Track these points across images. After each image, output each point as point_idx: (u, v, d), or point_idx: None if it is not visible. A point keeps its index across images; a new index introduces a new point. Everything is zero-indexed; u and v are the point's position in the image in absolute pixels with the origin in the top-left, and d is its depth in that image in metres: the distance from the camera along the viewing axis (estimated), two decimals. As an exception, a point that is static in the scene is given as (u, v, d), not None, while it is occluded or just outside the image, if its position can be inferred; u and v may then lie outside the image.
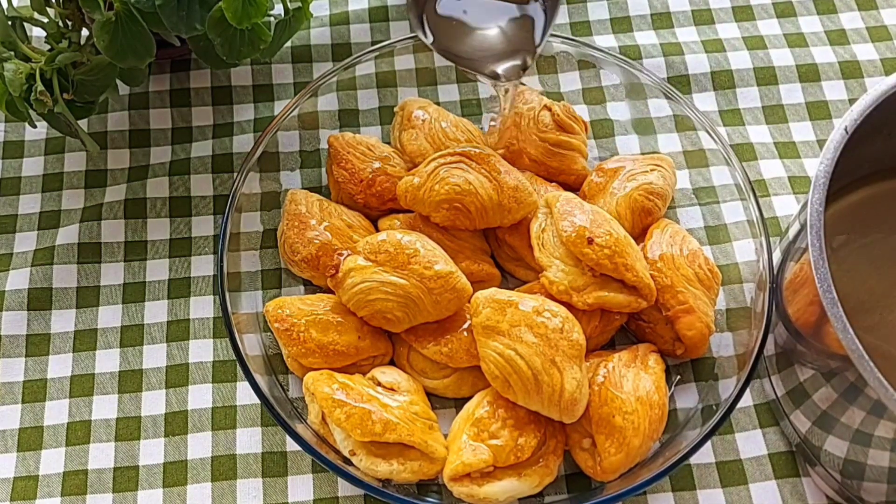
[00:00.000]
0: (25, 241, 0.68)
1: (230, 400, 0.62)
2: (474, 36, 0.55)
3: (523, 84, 0.65)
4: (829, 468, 0.55)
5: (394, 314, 0.58)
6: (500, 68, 0.55)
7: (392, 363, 0.61)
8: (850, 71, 0.74)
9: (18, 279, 0.66)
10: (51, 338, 0.65)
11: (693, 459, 0.59)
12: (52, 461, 0.60)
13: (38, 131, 0.73)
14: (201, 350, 0.64)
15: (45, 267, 0.66)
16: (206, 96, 0.74)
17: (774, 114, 0.72)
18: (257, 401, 0.60)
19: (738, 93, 0.73)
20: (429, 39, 0.54)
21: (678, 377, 0.61)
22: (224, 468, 0.59)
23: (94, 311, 0.65)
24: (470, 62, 0.55)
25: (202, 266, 0.67)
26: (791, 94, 0.73)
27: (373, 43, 0.76)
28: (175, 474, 0.59)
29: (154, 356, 0.64)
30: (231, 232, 0.61)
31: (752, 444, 0.59)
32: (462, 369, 0.59)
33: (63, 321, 0.65)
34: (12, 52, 0.60)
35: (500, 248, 0.64)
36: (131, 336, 0.64)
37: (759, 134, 0.71)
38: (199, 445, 0.60)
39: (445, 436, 0.57)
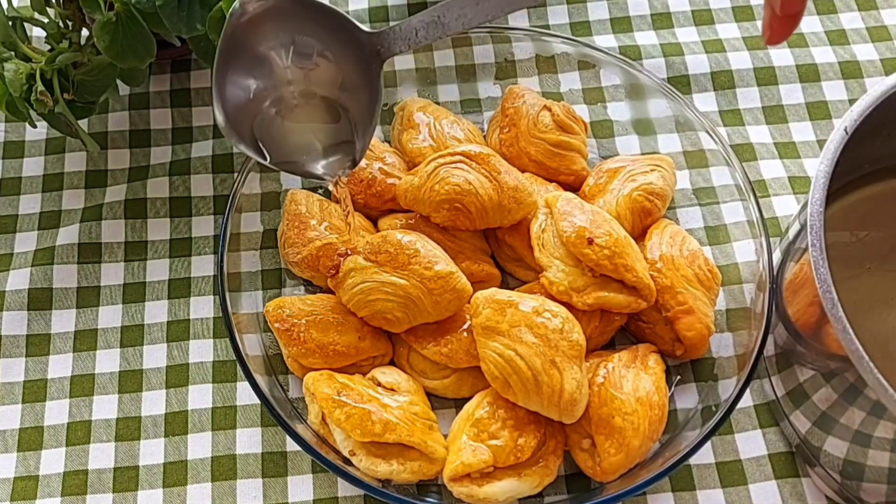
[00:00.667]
0: (26, 241, 0.68)
1: (230, 400, 0.62)
2: (297, 141, 0.53)
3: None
4: (829, 469, 0.55)
5: (394, 314, 0.58)
6: (322, 164, 0.53)
7: (392, 363, 0.61)
8: (850, 71, 0.74)
9: (19, 279, 0.66)
10: (51, 338, 0.65)
11: (693, 460, 0.59)
12: (53, 461, 0.60)
13: (38, 131, 0.73)
14: (201, 350, 0.64)
15: (46, 267, 0.66)
16: (207, 96, 0.74)
17: (774, 114, 0.72)
18: (257, 401, 0.60)
19: (738, 93, 0.73)
20: (266, 159, 0.52)
21: (678, 377, 0.61)
22: (224, 468, 0.59)
23: (94, 311, 0.65)
24: (296, 166, 0.53)
25: (202, 266, 0.67)
26: (791, 94, 0.73)
27: (373, 43, 0.76)
28: (175, 474, 0.59)
29: (154, 356, 0.64)
30: (231, 232, 0.61)
31: (751, 444, 0.59)
32: (462, 370, 0.59)
33: (63, 321, 0.65)
34: (13, 53, 0.60)
35: (500, 248, 0.64)
36: (131, 336, 0.64)
37: (759, 134, 0.71)
38: (200, 445, 0.60)
39: (445, 436, 0.57)
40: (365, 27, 0.48)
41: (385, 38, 0.45)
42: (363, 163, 0.64)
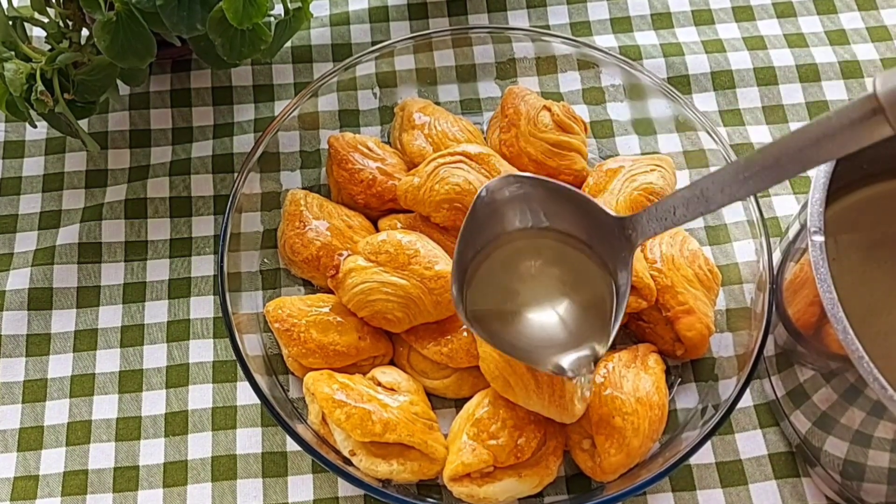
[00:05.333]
0: (26, 241, 0.68)
1: (230, 400, 0.62)
2: (528, 325, 0.47)
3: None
4: (829, 469, 0.55)
5: (394, 314, 0.58)
6: (566, 361, 0.47)
7: (392, 363, 0.61)
8: (850, 71, 0.74)
9: (19, 279, 0.66)
10: (51, 338, 0.65)
11: (693, 460, 0.59)
12: (53, 461, 0.60)
13: (38, 131, 0.73)
14: (201, 350, 0.64)
15: (46, 267, 0.66)
16: (207, 96, 0.74)
17: (774, 114, 0.72)
18: (257, 401, 0.60)
19: (739, 93, 0.73)
20: (501, 347, 0.46)
21: (678, 378, 0.61)
22: (224, 468, 0.59)
23: (94, 311, 0.65)
24: (527, 355, 0.47)
25: (202, 266, 0.67)
26: (791, 94, 0.73)
27: (373, 43, 0.76)
28: (175, 474, 0.59)
29: (154, 356, 0.64)
30: (231, 232, 0.61)
31: (752, 444, 0.59)
32: (462, 369, 0.59)
33: (63, 321, 0.65)
34: (13, 52, 0.60)
35: (500, 248, 0.64)
36: (131, 336, 0.64)
37: (759, 134, 0.71)
38: (200, 445, 0.60)
39: (445, 436, 0.57)
40: (611, 212, 0.43)
41: (637, 221, 0.42)
42: (362, 163, 0.65)
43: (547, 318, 0.48)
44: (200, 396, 0.62)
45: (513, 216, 0.46)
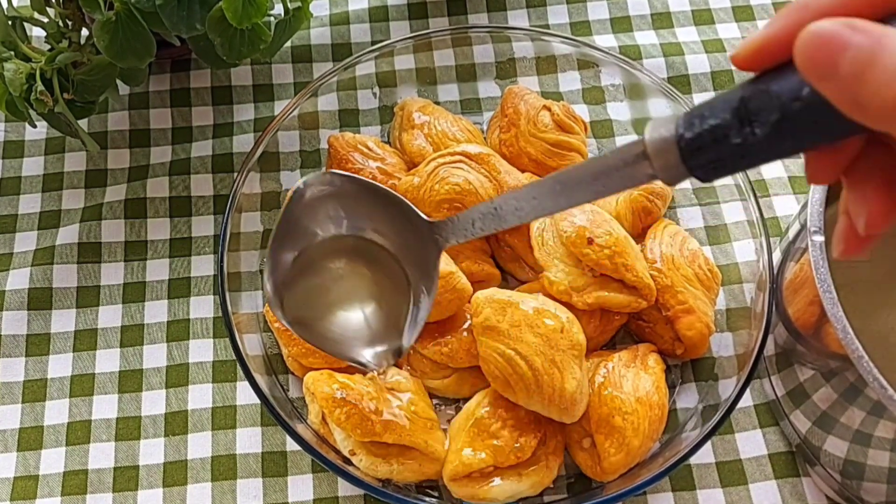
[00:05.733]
0: (25, 241, 0.68)
1: (230, 400, 0.62)
2: (343, 323, 0.50)
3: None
4: (829, 468, 0.55)
5: (394, 314, 0.58)
6: (367, 355, 0.50)
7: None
8: (850, 71, 0.73)
9: (18, 279, 0.66)
10: (51, 338, 0.65)
11: (693, 459, 0.59)
12: (52, 461, 0.60)
13: (38, 131, 0.73)
14: (201, 350, 0.64)
15: (46, 267, 0.66)
16: (207, 96, 0.74)
17: (774, 114, 0.72)
18: (257, 401, 0.60)
19: (738, 93, 0.73)
20: (308, 337, 0.49)
21: (679, 378, 0.61)
22: (224, 468, 0.59)
23: (94, 310, 0.65)
24: (340, 348, 0.50)
25: (202, 266, 0.67)
26: (791, 94, 0.73)
27: (373, 43, 0.76)
28: (175, 474, 0.59)
29: (154, 356, 0.64)
30: (231, 232, 0.61)
31: (752, 444, 0.59)
32: (462, 369, 0.59)
33: (63, 321, 0.65)
34: (12, 52, 0.60)
35: (500, 248, 0.64)
36: (131, 336, 0.64)
37: (759, 134, 0.71)
38: (199, 445, 0.60)
39: (445, 433, 0.57)
40: (423, 216, 0.46)
41: (444, 227, 0.44)
42: (362, 163, 0.64)
43: (353, 315, 0.50)
44: (200, 396, 0.62)
45: (325, 216, 0.48)
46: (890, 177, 0.31)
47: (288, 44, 0.75)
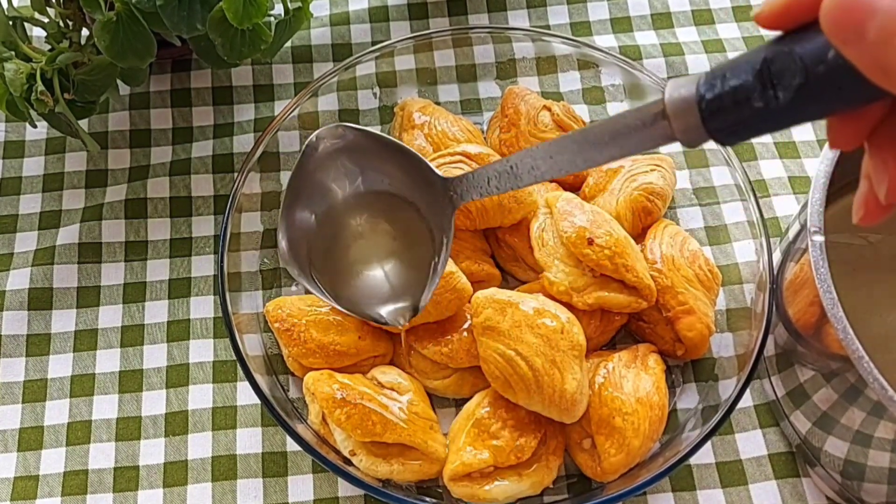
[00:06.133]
0: (26, 241, 0.68)
1: (230, 400, 0.62)
2: (360, 282, 0.49)
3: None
4: (830, 469, 0.55)
5: (394, 314, 0.58)
6: (385, 311, 0.50)
7: (392, 363, 0.61)
8: (851, 71, 0.73)
9: (19, 279, 0.66)
10: (51, 338, 0.65)
11: (693, 460, 0.59)
12: (53, 461, 0.60)
13: (38, 131, 0.73)
14: (202, 350, 0.64)
15: (46, 267, 0.66)
16: (207, 96, 0.74)
17: (774, 114, 0.72)
18: (257, 401, 0.60)
19: (739, 93, 0.73)
20: (326, 295, 0.49)
21: (679, 378, 0.61)
22: (224, 468, 0.59)
23: (94, 311, 0.65)
24: (356, 306, 0.50)
25: (202, 266, 0.67)
26: (791, 94, 0.73)
27: (373, 43, 0.76)
28: (175, 474, 0.59)
29: (154, 356, 0.64)
30: (231, 232, 0.61)
31: (752, 444, 0.59)
32: (462, 369, 0.59)
33: (63, 321, 0.65)
34: (13, 52, 0.60)
35: (500, 248, 0.64)
36: (131, 336, 0.64)
37: (759, 134, 0.71)
38: (200, 445, 0.60)
39: (445, 435, 0.57)
40: (439, 172, 0.45)
41: (459, 184, 0.43)
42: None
43: (373, 272, 0.49)
44: (200, 396, 0.62)
45: (339, 170, 0.47)
46: None
47: (288, 44, 0.75)
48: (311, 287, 0.47)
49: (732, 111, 0.30)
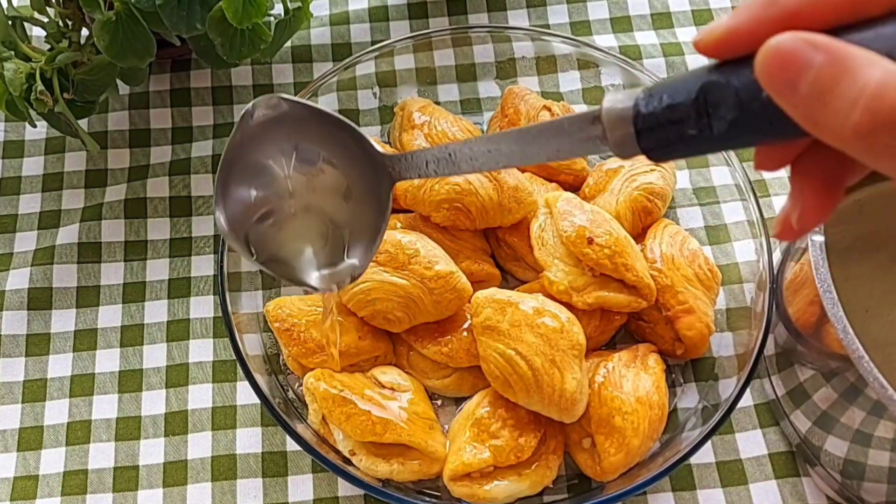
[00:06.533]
0: (25, 241, 0.68)
1: (230, 400, 0.62)
2: (294, 248, 0.49)
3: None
4: (830, 468, 0.55)
5: (394, 314, 0.58)
6: (316, 276, 0.49)
7: (392, 363, 0.61)
8: (851, 71, 0.73)
9: (18, 279, 0.66)
10: (51, 337, 0.65)
11: (693, 459, 0.59)
12: (52, 461, 0.60)
13: (38, 131, 0.73)
14: (201, 350, 0.64)
15: (45, 267, 0.66)
16: (207, 96, 0.74)
17: (774, 114, 0.72)
18: (257, 401, 0.60)
19: (739, 93, 0.73)
20: (254, 257, 0.48)
21: (679, 378, 0.61)
22: (224, 468, 0.59)
23: (94, 310, 0.65)
24: (290, 272, 0.49)
25: (202, 266, 0.67)
26: (791, 93, 0.73)
27: (373, 43, 0.76)
28: (175, 474, 0.59)
29: (154, 356, 0.64)
30: (231, 232, 0.61)
31: (752, 444, 0.59)
32: (462, 369, 0.59)
33: (63, 321, 0.65)
34: (12, 52, 0.60)
35: (500, 248, 0.64)
36: (131, 336, 0.64)
37: (759, 134, 0.71)
38: (199, 445, 0.60)
39: (445, 435, 0.57)
40: (378, 147, 0.46)
41: (398, 162, 0.44)
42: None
43: (308, 241, 0.49)
44: (200, 396, 0.62)
45: (274, 141, 0.47)
46: (828, 178, 0.31)
47: (288, 44, 0.75)
48: (246, 255, 0.48)
49: (665, 132, 0.30)
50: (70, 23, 0.62)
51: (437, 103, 0.71)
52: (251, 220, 0.48)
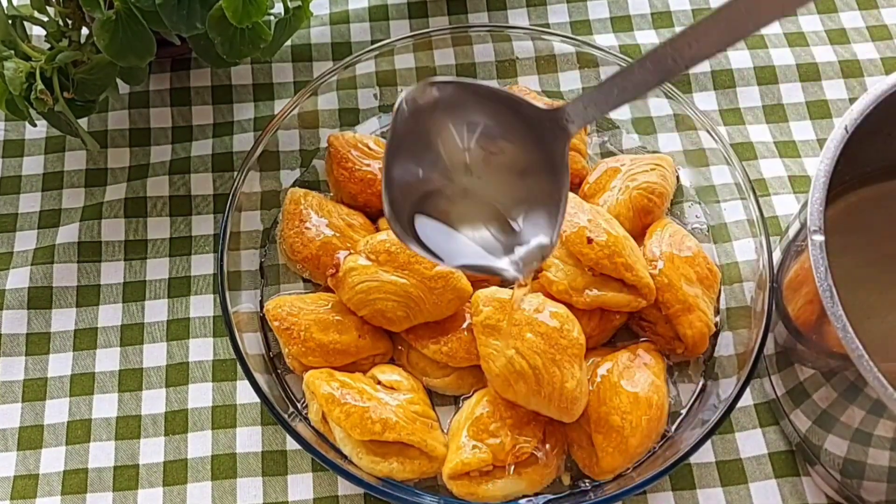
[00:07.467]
0: (26, 240, 0.68)
1: (230, 399, 0.62)
2: (474, 235, 0.46)
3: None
4: (829, 467, 0.55)
5: (394, 314, 0.58)
6: (507, 261, 0.46)
7: (392, 362, 0.61)
8: (851, 70, 0.73)
9: (18, 278, 0.66)
10: (51, 337, 0.65)
11: (693, 459, 0.59)
12: (53, 460, 0.60)
13: (38, 130, 0.73)
14: (201, 349, 0.64)
15: (46, 266, 0.66)
16: (207, 95, 0.74)
17: (775, 113, 0.72)
18: (257, 400, 0.60)
19: (739, 92, 0.73)
20: (439, 259, 0.45)
21: (679, 377, 0.61)
22: (224, 467, 0.59)
23: (94, 309, 0.65)
24: (473, 261, 0.46)
25: (202, 265, 0.67)
26: (791, 93, 0.73)
27: (373, 42, 0.76)
28: (175, 473, 0.59)
29: (154, 355, 0.64)
30: (231, 231, 0.61)
31: (752, 443, 0.59)
32: (462, 368, 0.59)
33: (63, 320, 0.65)
34: (12, 51, 0.60)
35: (500, 247, 0.64)
36: (131, 335, 0.64)
37: (759, 133, 0.71)
38: (199, 444, 0.60)
39: (445, 434, 0.57)
40: (541, 105, 0.43)
41: (573, 108, 0.42)
42: (362, 162, 0.64)
43: (487, 223, 0.47)
44: (200, 395, 0.62)
45: (436, 126, 0.45)
46: None
47: (288, 43, 0.75)
48: (416, 248, 0.45)
49: None
50: (70, 22, 0.62)
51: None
52: (425, 212, 0.45)
